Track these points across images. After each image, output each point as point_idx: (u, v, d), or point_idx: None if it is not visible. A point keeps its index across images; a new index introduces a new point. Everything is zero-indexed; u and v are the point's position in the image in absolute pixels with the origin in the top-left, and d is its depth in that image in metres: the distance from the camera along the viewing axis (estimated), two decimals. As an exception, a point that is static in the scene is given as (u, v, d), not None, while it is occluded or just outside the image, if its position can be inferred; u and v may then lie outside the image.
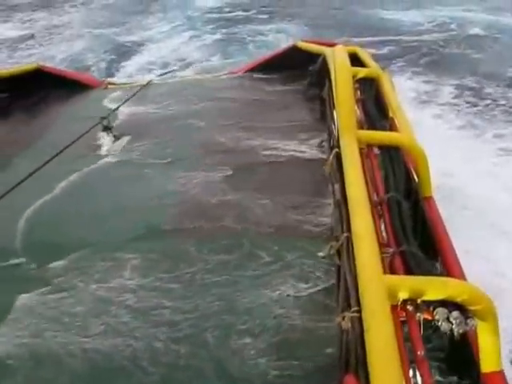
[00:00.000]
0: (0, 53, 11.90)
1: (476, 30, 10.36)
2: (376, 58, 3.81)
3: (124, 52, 11.24)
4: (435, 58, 9.09)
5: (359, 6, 13.28)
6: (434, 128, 6.19)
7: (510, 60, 8.84)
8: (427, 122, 6.37)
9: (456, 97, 7.45)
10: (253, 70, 4.96)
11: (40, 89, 4.91)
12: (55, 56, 11.10)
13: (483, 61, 9.04)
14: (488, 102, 7.35)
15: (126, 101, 4.05)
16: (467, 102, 7.17)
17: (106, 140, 3.55)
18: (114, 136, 3.57)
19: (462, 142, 5.76)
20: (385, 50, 9.74)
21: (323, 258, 2.07)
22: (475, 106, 7.08)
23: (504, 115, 6.73)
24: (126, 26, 13.46)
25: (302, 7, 13.59)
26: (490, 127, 6.20)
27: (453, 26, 10.72)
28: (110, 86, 5.20)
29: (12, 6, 15.97)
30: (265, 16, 15.19)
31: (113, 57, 10.80)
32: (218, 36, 12.01)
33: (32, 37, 12.85)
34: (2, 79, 4.76)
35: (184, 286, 2.10)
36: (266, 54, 5.69)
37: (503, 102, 7.30)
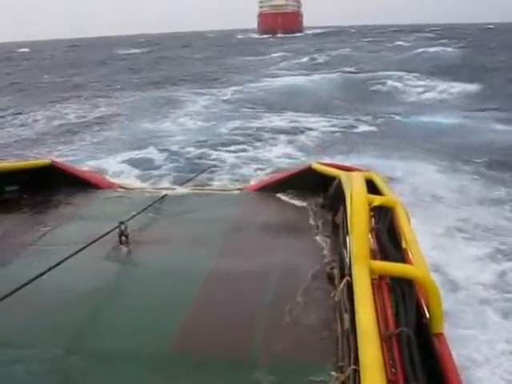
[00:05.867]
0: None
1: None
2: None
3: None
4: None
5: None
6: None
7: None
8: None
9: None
10: (266, 188, 5.14)
11: (51, 185, 5.16)
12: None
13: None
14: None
15: (144, 209, 4.24)
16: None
17: (118, 245, 3.67)
18: (128, 242, 3.69)
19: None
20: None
21: None
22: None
23: None
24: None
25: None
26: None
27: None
28: (119, 189, 5.45)
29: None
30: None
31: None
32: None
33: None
34: (14, 172, 5.00)
35: None
36: (280, 172, 5.97)
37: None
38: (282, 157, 14.27)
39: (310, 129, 18.19)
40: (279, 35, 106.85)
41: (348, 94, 26.74)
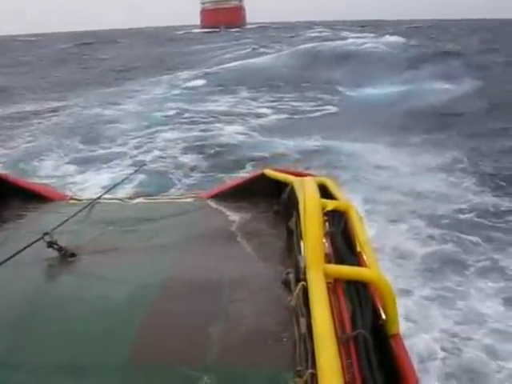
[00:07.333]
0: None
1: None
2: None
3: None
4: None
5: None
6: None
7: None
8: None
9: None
10: (219, 195, 5.11)
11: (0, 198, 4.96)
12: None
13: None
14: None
15: (69, 218, 4.13)
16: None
17: (48, 257, 3.58)
18: (58, 253, 3.59)
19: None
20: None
21: None
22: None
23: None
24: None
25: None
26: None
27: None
28: (71, 201, 5.24)
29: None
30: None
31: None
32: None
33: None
34: None
35: None
36: (232, 179, 6.03)
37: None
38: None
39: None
40: (222, 32, 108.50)
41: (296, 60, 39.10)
